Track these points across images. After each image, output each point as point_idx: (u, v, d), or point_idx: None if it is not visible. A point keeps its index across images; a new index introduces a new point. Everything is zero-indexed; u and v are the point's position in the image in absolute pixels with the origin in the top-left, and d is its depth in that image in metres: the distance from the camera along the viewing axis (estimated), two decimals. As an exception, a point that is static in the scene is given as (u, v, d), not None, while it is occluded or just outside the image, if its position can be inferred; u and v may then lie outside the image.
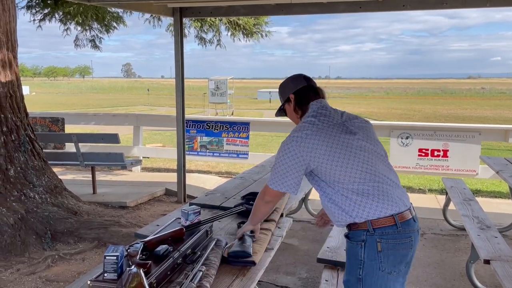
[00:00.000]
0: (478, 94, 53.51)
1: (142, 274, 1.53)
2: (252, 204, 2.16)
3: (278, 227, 2.47)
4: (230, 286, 1.75)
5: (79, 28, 7.87)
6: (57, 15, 7.58)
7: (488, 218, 3.64)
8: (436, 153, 6.24)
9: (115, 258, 1.66)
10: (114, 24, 7.96)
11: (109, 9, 7.50)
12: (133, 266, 1.58)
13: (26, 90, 35.32)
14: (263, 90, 43.55)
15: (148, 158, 8.57)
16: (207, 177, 7.18)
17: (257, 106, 30.40)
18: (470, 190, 4.64)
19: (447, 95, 51.26)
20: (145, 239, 1.96)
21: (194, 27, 7.71)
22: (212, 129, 7.22)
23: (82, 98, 41.46)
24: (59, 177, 5.00)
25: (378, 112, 25.94)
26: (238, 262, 1.92)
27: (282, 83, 2.08)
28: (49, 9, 7.45)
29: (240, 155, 7.14)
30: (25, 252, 3.83)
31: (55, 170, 5.22)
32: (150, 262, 1.72)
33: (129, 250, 1.80)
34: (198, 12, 5.56)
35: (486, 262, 2.81)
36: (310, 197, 5.03)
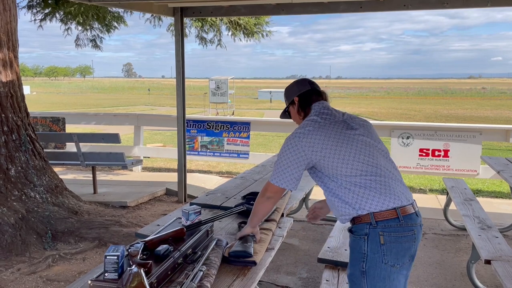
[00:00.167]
0: (479, 94, 53.49)
1: (143, 274, 1.53)
2: (252, 204, 2.16)
3: (279, 227, 2.47)
4: (231, 286, 1.75)
5: (80, 28, 7.89)
6: (58, 15, 7.59)
7: (489, 218, 3.64)
8: (437, 153, 6.24)
9: (116, 257, 1.66)
10: (115, 24, 7.97)
11: (109, 9, 7.51)
12: (133, 266, 1.58)
13: (27, 89, 35.36)
14: (264, 90, 43.59)
15: (148, 158, 8.58)
16: (208, 177, 7.19)
17: (257, 106, 30.44)
18: (471, 190, 4.64)
19: (448, 95, 51.27)
20: (145, 239, 1.96)
21: (195, 27, 7.72)
22: (212, 129, 7.22)
23: (83, 98, 41.52)
24: (60, 176, 5.00)
25: (378, 112, 25.96)
26: (239, 262, 1.93)
27: (287, 87, 2.17)
28: (50, 8, 7.46)
29: (240, 155, 7.14)
30: (25, 251, 3.83)
31: (56, 169, 5.22)
32: (150, 262, 1.72)
33: (129, 250, 1.80)
34: (199, 12, 5.57)
35: (487, 262, 2.82)
36: (310, 197, 5.03)
